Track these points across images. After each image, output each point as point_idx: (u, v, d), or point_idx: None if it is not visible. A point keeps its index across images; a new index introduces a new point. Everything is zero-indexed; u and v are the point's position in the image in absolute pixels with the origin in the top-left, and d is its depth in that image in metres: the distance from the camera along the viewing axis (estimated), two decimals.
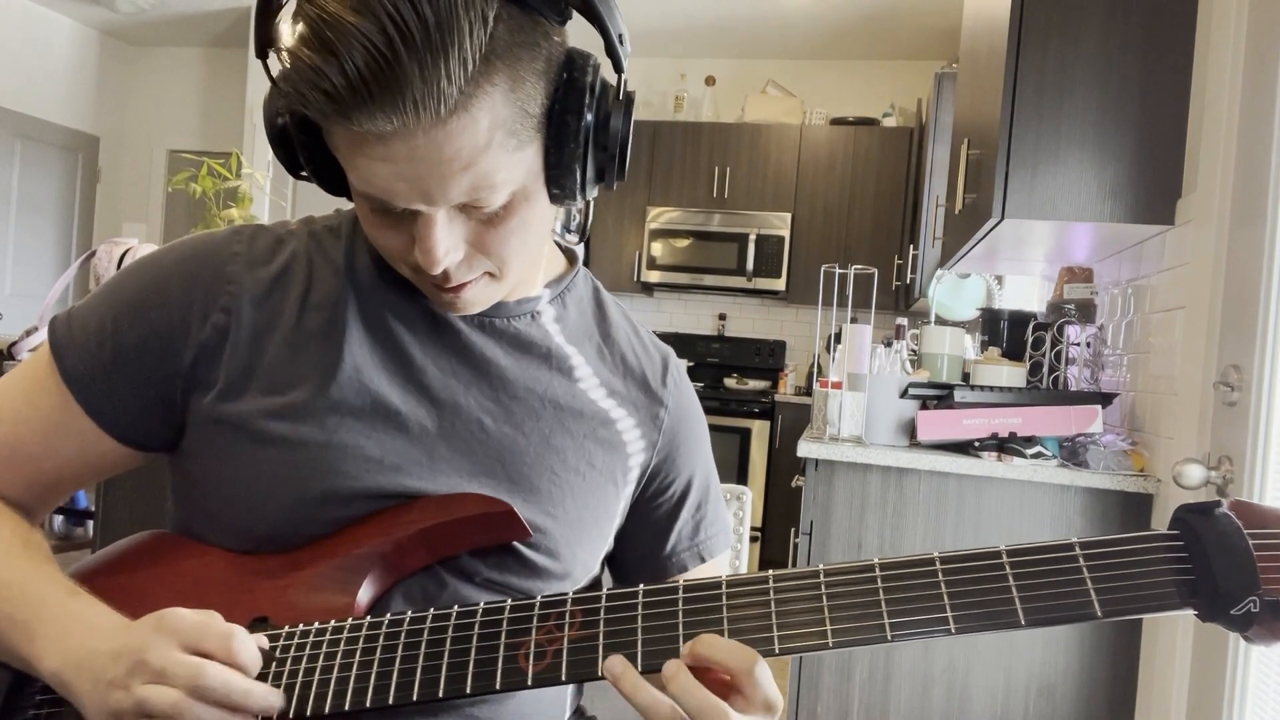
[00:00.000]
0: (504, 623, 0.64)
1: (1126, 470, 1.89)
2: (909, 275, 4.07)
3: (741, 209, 4.74)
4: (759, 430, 4.44)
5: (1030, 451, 1.94)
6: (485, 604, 0.65)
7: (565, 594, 0.65)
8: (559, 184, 0.68)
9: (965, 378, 2.29)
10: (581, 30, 0.69)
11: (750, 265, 4.69)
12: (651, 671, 0.60)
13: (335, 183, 0.71)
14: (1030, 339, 2.22)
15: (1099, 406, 1.97)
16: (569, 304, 0.85)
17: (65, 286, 2.37)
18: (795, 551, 2.08)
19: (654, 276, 4.85)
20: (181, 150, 5.30)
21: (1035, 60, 1.89)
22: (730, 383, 4.77)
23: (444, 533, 0.71)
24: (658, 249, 4.82)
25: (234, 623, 0.63)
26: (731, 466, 4.41)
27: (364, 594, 0.70)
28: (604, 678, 0.60)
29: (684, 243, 4.79)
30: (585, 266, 0.89)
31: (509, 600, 0.65)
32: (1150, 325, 1.99)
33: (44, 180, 5.36)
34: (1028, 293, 3.20)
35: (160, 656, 0.60)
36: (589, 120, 0.67)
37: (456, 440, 0.75)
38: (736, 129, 4.79)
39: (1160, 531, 0.59)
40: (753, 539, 4.21)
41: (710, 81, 5.02)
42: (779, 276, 4.68)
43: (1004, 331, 2.35)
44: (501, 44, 0.61)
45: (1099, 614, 0.57)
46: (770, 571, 0.62)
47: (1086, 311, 2.25)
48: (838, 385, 2.15)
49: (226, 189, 2.80)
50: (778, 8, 4.41)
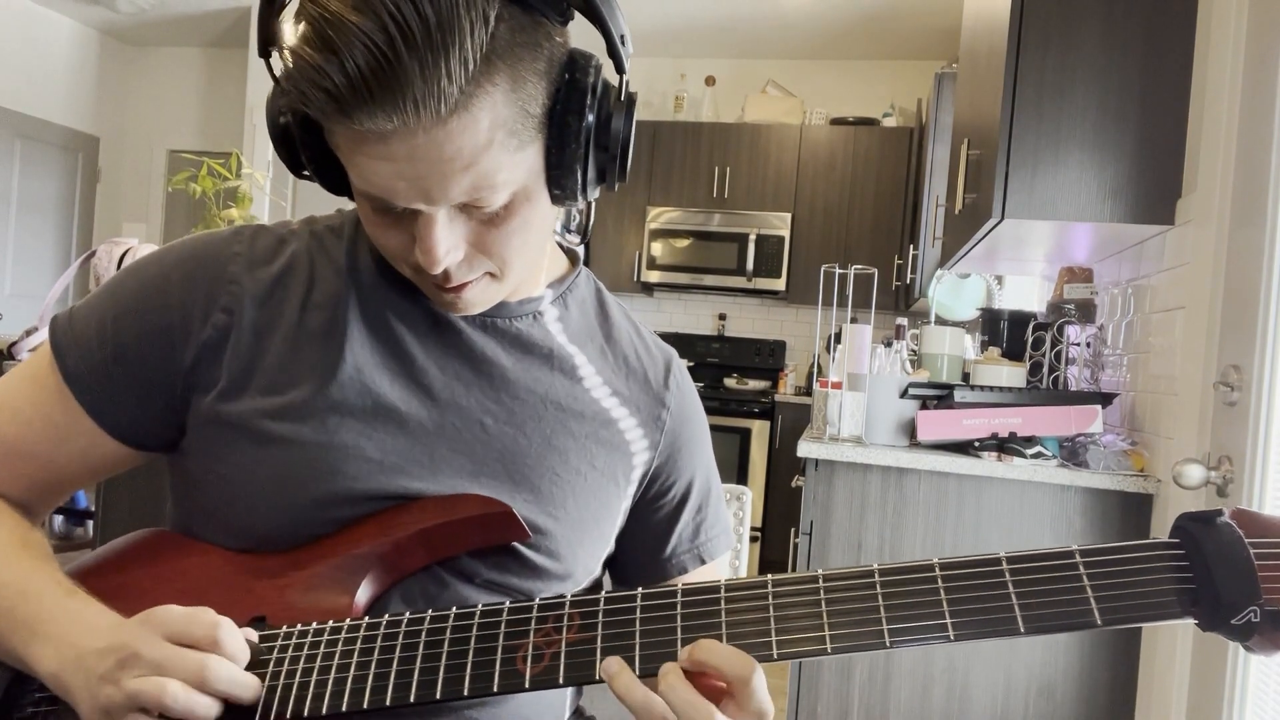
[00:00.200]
0: (502, 625, 0.64)
1: (1126, 470, 1.89)
2: (909, 275, 4.07)
3: (741, 209, 4.74)
4: (759, 430, 4.44)
5: (1030, 451, 1.94)
6: (483, 606, 0.65)
7: (564, 596, 0.65)
8: (560, 184, 0.68)
9: (965, 378, 2.29)
10: (583, 31, 0.69)
11: (750, 265, 4.68)
12: (649, 675, 0.60)
13: (337, 182, 0.71)
14: (1030, 339, 2.22)
15: (1099, 406, 1.97)
16: (571, 304, 0.85)
17: (65, 286, 2.37)
18: (795, 552, 2.08)
19: (654, 276, 4.84)
20: (181, 150, 5.30)
21: (1035, 60, 1.89)
22: (730, 383, 4.77)
23: (443, 533, 0.71)
24: (658, 249, 4.82)
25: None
26: (731, 466, 4.41)
27: (362, 594, 0.70)
28: (602, 680, 0.60)
29: (684, 243, 4.79)
30: (585, 267, 0.89)
31: (507, 602, 0.65)
32: (1150, 325, 1.99)
33: (44, 180, 5.36)
34: (1028, 293, 3.20)
35: (148, 649, 0.60)
36: (590, 121, 0.67)
37: (458, 441, 0.75)
38: (736, 129, 4.79)
39: (1161, 540, 0.59)
40: (753, 539, 4.21)
41: (710, 81, 5.02)
42: (779, 276, 4.68)
43: (1004, 331, 2.35)
44: (503, 44, 0.61)
45: (1099, 622, 0.57)
46: (769, 576, 0.62)
47: (1086, 311, 2.25)
48: (838, 385, 2.15)
49: (226, 189, 2.80)
50: (778, 8, 4.41)
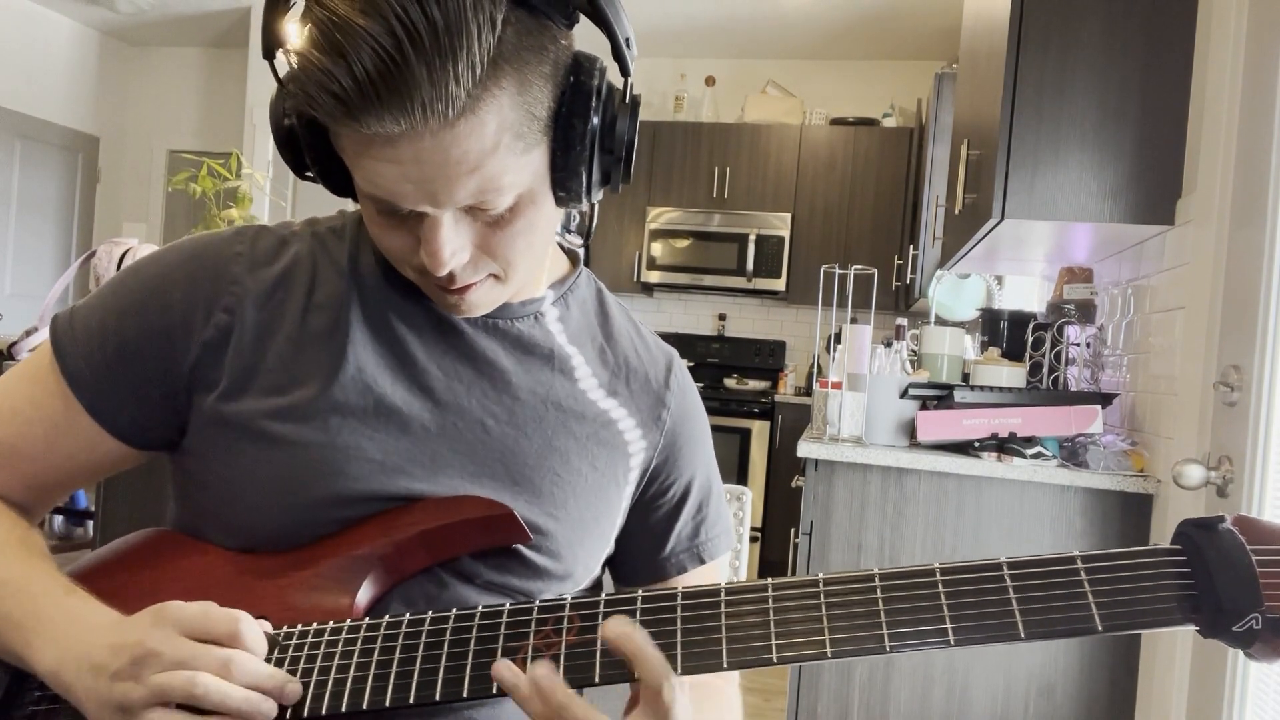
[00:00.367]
0: (502, 626, 0.64)
1: (1126, 470, 1.89)
2: (909, 275, 4.07)
3: (741, 209, 4.74)
4: (759, 430, 4.44)
5: (1030, 452, 1.94)
6: (484, 607, 0.65)
7: (564, 599, 0.65)
8: (565, 187, 0.68)
9: (965, 378, 2.29)
10: (586, 32, 0.69)
11: (750, 265, 4.68)
12: None
13: (341, 184, 0.70)
14: (1030, 339, 2.22)
15: (1099, 407, 1.97)
16: (572, 305, 0.85)
17: (65, 286, 2.37)
18: (795, 552, 2.08)
19: (654, 277, 4.85)
20: (181, 150, 5.30)
21: (1035, 60, 1.89)
22: (730, 383, 4.77)
23: (444, 535, 0.71)
24: (658, 249, 4.82)
25: None
26: (731, 466, 4.41)
27: (363, 595, 0.70)
28: (601, 683, 0.60)
29: (684, 243, 4.79)
30: (586, 267, 0.89)
31: (507, 604, 0.65)
32: (1150, 325, 1.99)
33: (44, 180, 5.36)
34: (1028, 293, 3.20)
35: (169, 646, 0.60)
36: (595, 124, 0.67)
37: (459, 442, 0.75)
38: (736, 129, 4.79)
39: (1162, 546, 0.59)
40: (752, 539, 4.21)
41: (710, 81, 5.02)
42: (779, 277, 4.68)
43: (1004, 332, 2.35)
44: (509, 47, 0.61)
45: (1099, 628, 0.57)
46: (770, 580, 0.62)
47: (1086, 312, 2.25)
48: (838, 385, 2.15)
49: (226, 189, 2.80)
50: (778, 8, 4.41)
